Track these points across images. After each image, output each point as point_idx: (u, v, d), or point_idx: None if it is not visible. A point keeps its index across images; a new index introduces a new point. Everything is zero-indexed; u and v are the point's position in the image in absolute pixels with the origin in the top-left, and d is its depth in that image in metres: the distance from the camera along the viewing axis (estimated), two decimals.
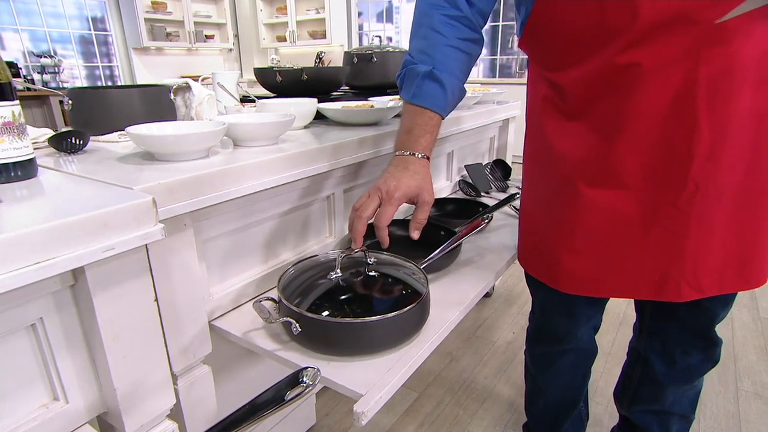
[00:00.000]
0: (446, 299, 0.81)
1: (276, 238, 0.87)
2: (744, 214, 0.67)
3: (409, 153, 0.73)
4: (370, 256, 0.76)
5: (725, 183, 0.64)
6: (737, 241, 0.69)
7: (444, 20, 0.71)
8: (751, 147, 0.63)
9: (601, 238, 0.71)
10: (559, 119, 0.73)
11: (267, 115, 0.86)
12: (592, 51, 0.64)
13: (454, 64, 0.73)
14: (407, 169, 0.71)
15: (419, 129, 0.73)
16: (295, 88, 1.20)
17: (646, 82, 0.61)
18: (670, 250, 0.69)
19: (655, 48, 0.59)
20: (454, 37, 0.72)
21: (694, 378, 0.90)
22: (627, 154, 0.66)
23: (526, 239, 0.86)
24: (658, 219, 0.68)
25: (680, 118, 0.62)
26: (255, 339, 0.71)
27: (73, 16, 4.62)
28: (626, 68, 0.61)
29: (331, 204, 0.97)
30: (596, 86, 0.65)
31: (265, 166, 0.73)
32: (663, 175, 0.65)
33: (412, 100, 0.73)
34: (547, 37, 0.69)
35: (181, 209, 0.61)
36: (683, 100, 0.61)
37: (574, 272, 0.75)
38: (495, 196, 1.41)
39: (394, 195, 0.69)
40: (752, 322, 1.74)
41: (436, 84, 0.72)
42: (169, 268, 0.63)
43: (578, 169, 0.71)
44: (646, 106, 0.62)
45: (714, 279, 0.71)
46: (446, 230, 1.03)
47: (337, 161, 0.87)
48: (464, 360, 1.54)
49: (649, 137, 0.64)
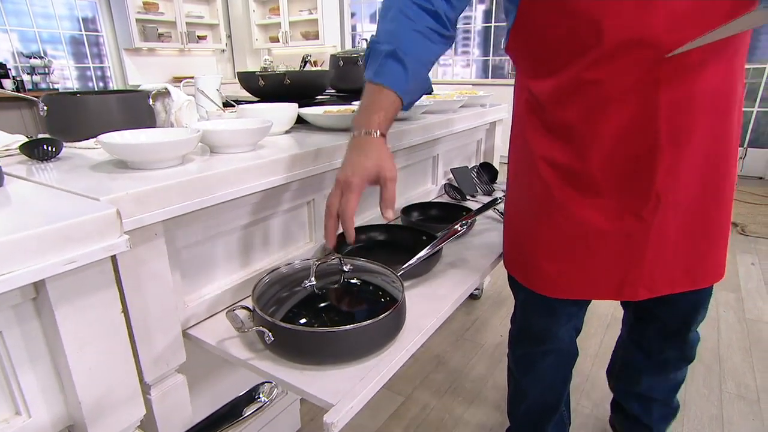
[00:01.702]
0: (424, 305, 0.81)
1: (254, 244, 0.87)
2: (696, 222, 0.75)
3: (363, 132, 0.70)
4: (346, 263, 0.76)
5: (682, 195, 0.71)
6: (689, 246, 0.76)
7: (414, 8, 0.71)
8: (705, 164, 0.70)
9: (573, 243, 0.76)
10: (538, 126, 0.77)
11: (243, 122, 0.85)
12: (564, 64, 0.68)
13: (418, 50, 0.72)
14: (362, 150, 0.69)
15: (374, 106, 0.71)
16: (278, 92, 1.20)
17: (611, 100, 0.67)
18: (631, 256, 0.75)
19: (619, 67, 0.64)
20: (422, 24, 0.71)
21: (669, 372, 0.96)
22: (598, 166, 0.71)
23: (509, 242, 0.90)
24: (623, 227, 0.73)
25: (644, 135, 0.67)
26: (229, 348, 0.71)
27: (63, 16, 4.59)
28: (592, 84, 0.66)
29: (311, 209, 0.96)
30: (566, 99, 0.70)
31: (240, 173, 0.73)
32: (630, 187, 0.71)
33: (374, 79, 0.71)
34: (528, 47, 0.73)
35: (151, 219, 0.61)
36: (646, 120, 0.66)
37: (549, 275, 0.80)
38: (480, 200, 1.41)
39: (353, 182, 0.67)
40: (738, 323, 1.75)
41: (398, 64, 0.70)
42: (140, 278, 0.62)
43: (554, 176, 0.75)
44: (613, 123, 0.68)
45: (666, 280, 0.78)
46: (428, 235, 1.03)
47: (315, 167, 0.87)
48: (451, 363, 1.54)
49: (617, 151, 0.69)
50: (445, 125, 1.31)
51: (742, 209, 3.02)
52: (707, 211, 0.75)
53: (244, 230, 0.84)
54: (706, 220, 0.75)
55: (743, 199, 3.25)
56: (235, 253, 0.83)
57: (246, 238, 0.85)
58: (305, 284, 0.72)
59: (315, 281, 0.71)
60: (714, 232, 0.77)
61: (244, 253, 0.85)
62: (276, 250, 0.92)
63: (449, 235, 0.87)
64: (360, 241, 1.04)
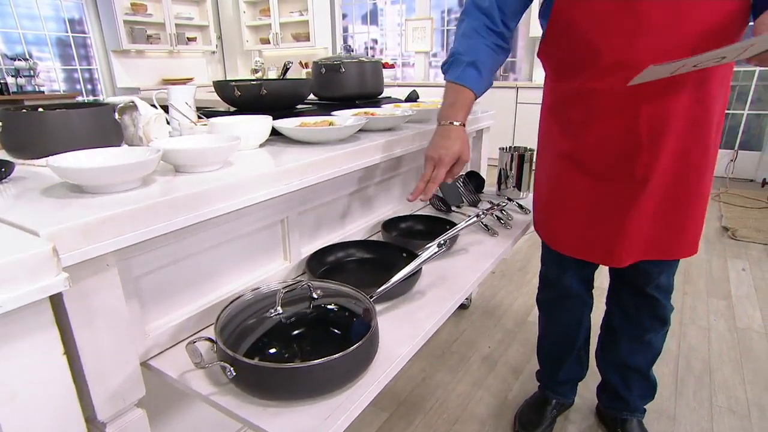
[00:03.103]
0: (400, 330, 0.78)
1: (222, 267, 0.83)
2: (668, 207, 0.92)
3: (450, 122, 0.95)
4: (316, 288, 0.72)
5: (658, 182, 0.89)
6: (662, 225, 0.94)
7: (485, 29, 0.95)
8: (678, 161, 0.88)
9: (574, 211, 0.97)
10: (555, 121, 0.98)
11: (210, 139, 0.81)
12: (574, 74, 0.89)
13: (489, 61, 0.95)
14: (450, 137, 0.94)
15: (459, 103, 0.95)
16: (255, 102, 1.16)
17: (605, 107, 0.86)
18: (618, 227, 0.93)
19: (611, 82, 0.83)
20: (492, 42, 0.95)
21: (645, 331, 1.11)
22: (593, 156, 0.91)
23: (536, 206, 1.10)
24: (609, 202, 0.92)
25: (628, 136, 0.86)
26: (191, 381, 0.67)
27: (48, 17, 4.52)
28: (592, 92, 0.87)
29: (285, 228, 0.93)
30: (574, 101, 0.91)
31: (204, 195, 0.69)
32: (618, 172, 0.89)
33: (457, 81, 0.95)
34: (553, 56, 0.95)
35: (102, 250, 0.56)
36: (630, 125, 0.85)
37: (559, 235, 1.03)
38: (465, 211, 1.38)
39: (444, 160, 0.93)
40: (728, 332, 1.73)
41: (476, 71, 0.94)
42: (90, 312, 0.58)
43: (563, 161, 0.96)
44: (604, 124, 0.87)
45: (643, 250, 0.96)
46: (408, 252, 0.99)
47: (288, 184, 0.83)
48: (437, 377, 1.51)
49: (608, 147, 0.89)
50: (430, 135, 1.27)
51: (733, 213, 3.01)
52: (678, 198, 0.92)
53: (211, 252, 0.80)
54: (677, 205, 0.93)
55: (734, 202, 3.24)
56: (201, 277, 0.79)
57: (214, 261, 0.81)
58: (271, 313, 0.68)
59: (281, 310, 0.67)
60: (684, 215, 0.94)
61: (212, 276, 0.81)
62: (249, 271, 0.89)
63: (427, 257, 0.83)
64: (338, 259, 1.00)
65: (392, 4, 5.26)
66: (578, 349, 1.25)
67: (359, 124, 1.03)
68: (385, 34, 5.46)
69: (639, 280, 1.06)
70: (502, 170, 1.54)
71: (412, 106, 1.40)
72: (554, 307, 1.22)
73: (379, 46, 5.56)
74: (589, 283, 1.18)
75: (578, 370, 1.29)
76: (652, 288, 1.05)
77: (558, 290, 1.17)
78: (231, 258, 0.84)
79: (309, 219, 1.00)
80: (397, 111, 1.27)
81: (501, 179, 1.55)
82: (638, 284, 1.06)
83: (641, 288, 1.06)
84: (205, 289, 0.80)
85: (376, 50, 5.59)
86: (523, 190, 1.53)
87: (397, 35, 5.34)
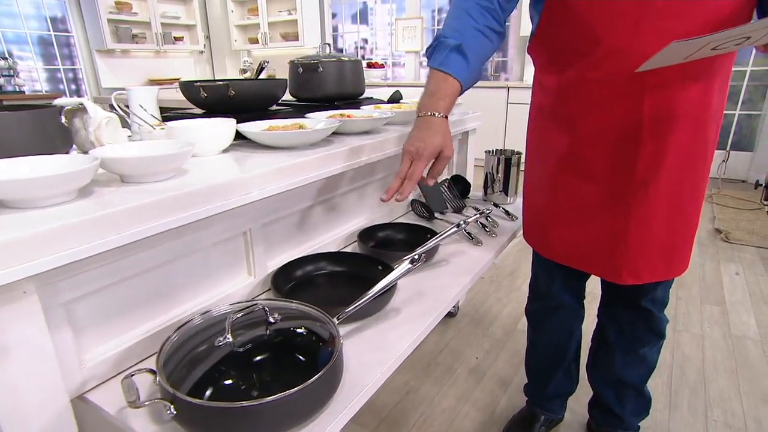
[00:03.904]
0: (369, 355, 0.71)
1: (176, 285, 0.75)
2: (674, 215, 0.84)
3: (430, 113, 0.83)
4: (273, 311, 0.65)
5: (663, 187, 0.81)
6: (667, 237, 0.85)
7: (477, 8, 0.83)
8: (683, 161, 0.80)
9: (570, 216, 0.90)
10: (547, 116, 0.90)
11: (160, 145, 0.74)
12: (570, 63, 0.81)
13: (478, 46, 0.84)
14: (430, 129, 0.82)
15: (441, 92, 0.83)
16: (223, 104, 1.08)
17: (605, 98, 0.79)
18: (615, 235, 0.86)
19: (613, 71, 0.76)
20: (483, 24, 0.83)
21: (640, 344, 1.05)
22: (591, 153, 0.84)
23: (525, 210, 1.04)
24: (609, 207, 0.84)
25: (630, 135, 0.79)
26: (131, 418, 0.59)
27: (29, 15, 4.40)
28: (592, 82, 0.79)
29: (248, 241, 0.85)
30: (570, 93, 0.83)
31: (145, 209, 0.61)
32: (617, 174, 0.82)
33: (440, 67, 0.82)
34: (545, 48, 0.86)
35: (17, 275, 0.49)
36: (632, 125, 0.78)
37: (550, 241, 0.95)
38: (449, 219, 1.31)
39: (423, 154, 0.81)
40: (723, 340, 1.68)
41: (461, 57, 0.82)
42: (3, 347, 0.51)
43: (556, 160, 0.89)
44: (605, 117, 0.80)
45: (649, 269, 0.88)
46: (384, 265, 0.93)
47: (246, 195, 0.75)
48: (422, 390, 1.44)
49: (607, 141, 0.81)
50: None
51: (726, 215, 2.97)
52: (683, 205, 0.84)
53: (163, 270, 0.73)
54: (682, 213, 0.85)
55: (726, 203, 3.20)
56: (150, 297, 0.72)
57: (166, 279, 0.74)
58: (220, 342, 0.61)
59: (231, 338, 0.60)
60: (687, 225, 0.87)
61: (164, 296, 0.74)
62: (207, 289, 0.81)
63: (399, 275, 0.76)
64: (307, 273, 0.93)
65: (382, 3, 5.18)
66: (568, 362, 1.19)
67: (331, 128, 0.96)
68: (375, 34, 5.39)
69: (633, 293, 0.99)
70: (489, 174, 1.48)
71: (393, 108, 1.33)
72: (544, 319, 1.16)
73: (370, 46, 5.49)
74: (581, 294, 1.13)
75: (568, 383, 1.23)
76: (647, 301, 0.99)
77: (548, 301, 1.11)
78: (186, 275, 0.77)
79: (276, 230, 0.92)
80: (375, 113, 1.20)
81: (487, 183, 1.49)
82: (633, 297, 1.00)
83: (636, 301, 1.00)
84: (155, 311, 0.73)
85: (366, 50, 5.51)
86: (510, 194, 1.46)
87: (387, 35, 5.27)
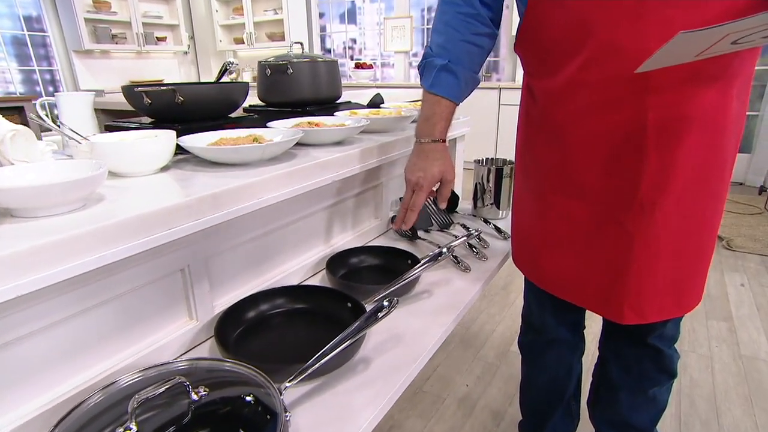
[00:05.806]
0: (327, 429, 0.57)
1: (88, 340, 0.61)
2: (686, 240, 0.71)
3: (428, 140, 0.83)
4: (198, 384, 0.51)
5: (672, 210, 0.68)
6: (678, 267, 0.73)
7: (459, 17, 0.77)
8: (697, 177, 0.67)
9: (563, 242, 0.79)
10: (535, 128, 0.81)
11: (61, 169, 0.59)
12: (561, 65, 0.70)
13: (467, 58, 0.80)
14: (428, 157, 0.83)
15: (436, 116, 0.82)
16: (170, 112, 0.94)
17: (602, 102, 0.67)
18: (614, 266, 0.73)
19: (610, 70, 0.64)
20: (468, 33, 0.78)
21: (648, 385, 0.92)
22: (583, 166, 0.72)
23: (514, 234, 0.94)
24: (606, 233, 0.73)
25: (630, 146, 0.66)
26: None
27: (2, 14, 4.21)
28: (585, 86, 0.67)
29: (187, 279, 0.71)
30: (561, 99, 0.72)
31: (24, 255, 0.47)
32: (613, 193, 0.70)
33: (430, 89, 0.81)
34: (532, 46, 0.76)
35: None
36: (633, 133, 0.66)
37: (544, 269, 0.85)
38: (435, 239, 1.17)
39: (423, 184, 0.83)
40: (733, 362, 1.55)
41: (451, 75, 0.80)
42: None
43: (546, 176, 0.79)
44: (601, 125, 0.68)
45: (655, 306, 0.74)
46: (353, 302, 0.79)
47: (177, 228, 0.61)
48: (407, 426, 1.31)
49: (601, 157, 0.70)
50: (390, 147, 1.06)
51: (726, 220, 2.86)
52: (695, 232, 0.72)
53: (72, 324, 0.58)
54: (695, 241, 0.72)
55: (726, 208, 3.09)
56: (49, 360, 0.57)
57: (76, 334, 0.59)
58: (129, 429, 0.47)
59: (134, 428, 0.45)
60: (700, 253, 0.74)
61: (72, 356, 0.59)
62: (135, 341, 0.67)
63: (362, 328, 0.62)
64: (261, 313, 0.79)
65: (371, 2, 5.04)
66: (567, 400, 1.07)
67: (292, 140, 0.82)
68: (363, 34, 5.25)
69: (639, 329, 0.87)
70: (479, 185, 1.34)
71: (369, 114, 1.19)
72: (539, 354, 1.05)
73: (358, 46, 5.34)
74: (580, 325, 1.01)
75: (568, 423, 1.11)
76: (655, 338, 0.87)
77: (543, 334, 1.00)
78: (102, 326, 0.62)
79: (224, 262, 0.78)
80: (348, 120, 1.06)
81: (477, 196, 1.35)
82: (638, 334, 0.88)
83: (642, 338, 0.88)
84: (54, 378, 0.58)
85: (355, 50, 5.37)
86: (502, 208, 1.33)
87: (376, 34, 5.13)
